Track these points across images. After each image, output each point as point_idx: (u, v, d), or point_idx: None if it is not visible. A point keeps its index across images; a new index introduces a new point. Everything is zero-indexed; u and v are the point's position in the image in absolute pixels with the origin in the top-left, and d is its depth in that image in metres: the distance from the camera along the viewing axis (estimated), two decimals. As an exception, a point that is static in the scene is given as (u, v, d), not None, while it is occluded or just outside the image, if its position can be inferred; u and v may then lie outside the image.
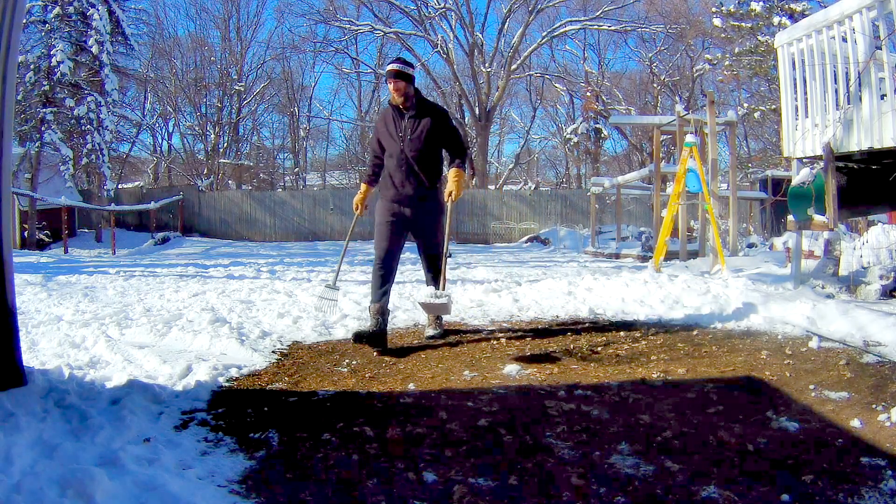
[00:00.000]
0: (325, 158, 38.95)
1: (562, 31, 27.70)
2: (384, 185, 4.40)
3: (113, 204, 21.00)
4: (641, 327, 4.81)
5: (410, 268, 10.49)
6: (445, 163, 4.48)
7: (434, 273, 4.49)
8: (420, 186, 4.28)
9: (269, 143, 37.26)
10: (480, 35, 27.73)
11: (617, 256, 14.07)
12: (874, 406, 2.95)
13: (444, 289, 4.18)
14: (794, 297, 5.17)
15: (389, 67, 4.23)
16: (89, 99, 18.96)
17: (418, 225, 4.38)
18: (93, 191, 21.89)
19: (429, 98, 4.55)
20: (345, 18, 27.94)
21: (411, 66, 4.31)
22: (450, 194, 4.20)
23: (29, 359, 3.72)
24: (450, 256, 4.45)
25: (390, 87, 4.20)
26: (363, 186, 4.66)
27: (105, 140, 19.54)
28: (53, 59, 18.15)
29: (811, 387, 3.26)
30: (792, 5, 18.07)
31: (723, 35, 20.92)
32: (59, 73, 18.19)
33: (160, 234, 20.47)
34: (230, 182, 30.68)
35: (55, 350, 4.24)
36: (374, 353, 4.15)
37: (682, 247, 10.51)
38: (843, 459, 2.41)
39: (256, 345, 4.33)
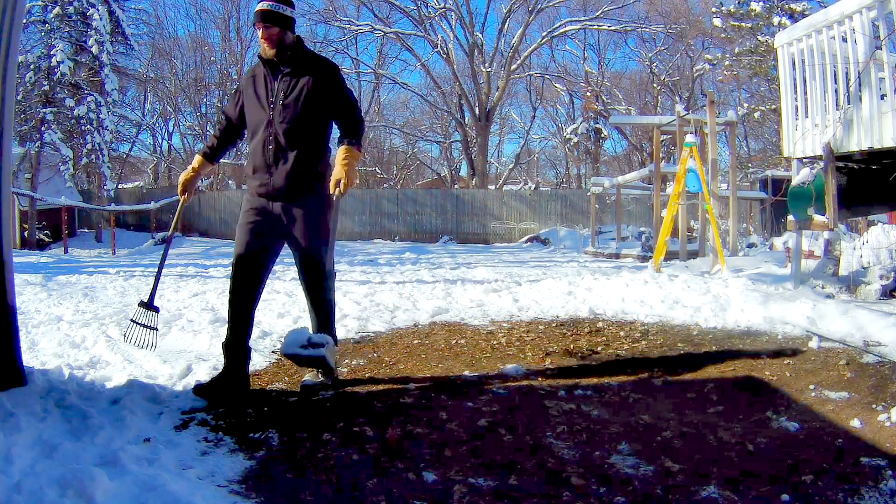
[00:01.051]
0: (325, 158, 38.89)
1: (562, 31, 27.68)
2: (248, 172, 3.29)
3: (113, 204, 21.01)
4: (641, 327, 4.81)
5: (411, 268, 10.50)
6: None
7: (317, 306, 3.28)
8: (295, 174, 3.12)
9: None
10: (480, 35, 27.74)
11: (617, 256, 14.06)
12: (874, 406, 2.95)
13: (324, 328, 3.17)
14: (794, 297, 5.17)
15: (258, 7, 3.10)
16: (89, 99, 18.98)
17: (292, 231, 3.18)
18: (93, 191, 21.91)
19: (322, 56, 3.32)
20: (345, 18, 27.94)
21: (289, 3, 3.15)
22: (337, 183, 3.05)
23: (29, 359, 3.72)
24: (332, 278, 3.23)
25: (259, 34, 3.11)
26: (196, 159, 3.39)
27: (105, 140, 19.56)
28: (53, 59, 18.17)
29: (811, 387, 3.26)
30: (792, 5, 18.08)
31: (723, 35, 20.92)
32: (59, 73, 18.21)
33: (160, 234, 20.46)
34: (230, 182, 30.67)
35: (55, 350, 4.24)
36: (374, 354, 4.15)
37: (682, 247, 10.51)
38: (843, 459, 2.41)
39: (256, 345, 4.33)
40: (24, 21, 12.31)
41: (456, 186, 30.80)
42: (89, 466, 2.14)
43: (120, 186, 25.59)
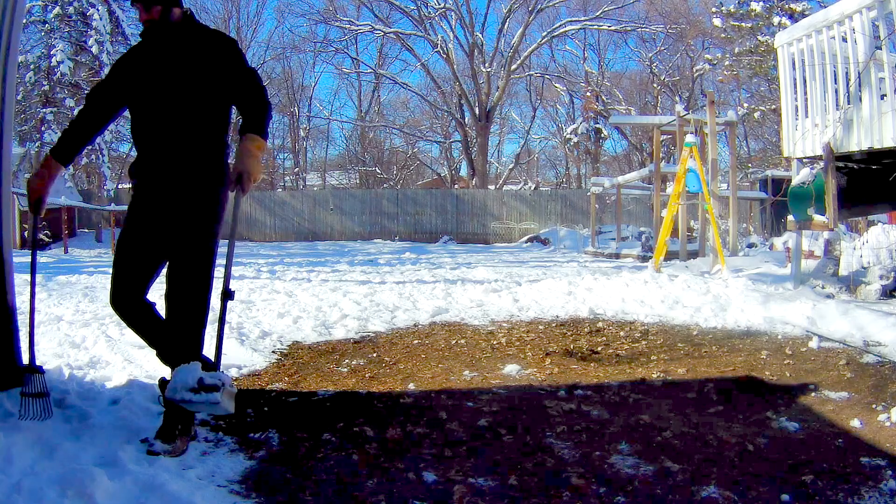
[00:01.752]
0: (325, 158, 38.99)
1: (562, 31, 27.70)
2: (132, 166, 2.67)
3: (113, 204, 20.99)
4: (641, 327, 4.81)
5: (411, 268, 10.49)
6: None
7: (187, 326, 2.58)
8: (185, 167, 2.54)
9: (269, 142, 37.22)
10: (480, 35, 27.77)
11: (617, 256, 14.06)
12: (874, 406, 2.95)
13: (217, 361, 2.56)
14: (794, 297, 5.17)
15: None
16: (89, 99, 18.99)
17: (170, 227, 2.55)
18: (93, 191, 21.91)
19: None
20: (345, 18, 27.97)
21: None
22: (238, 179, 2.50)
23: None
24: (230, 299, 2.59)
25: (139, 17, 2.58)
26: (46, 161, 2.65)
27: (105, 140, 19.56)
28: (53, 59, 18.20)
29: (811, 387, 3.26)
30: (792, 5, 18.08)
31: (723, 35, 20.93)
32: (59, 73, 18.23)
33: (160, 234, 20.44)
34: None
35: (55, 350, 4.24)
36: (374, 354, 4.15)
37: (682, 247, 10.51)
38: (843, 459, 2.41)
39: (256, 345, 4.33)
40: (24, 21, 12.32)
41: (456, 186, 30.81)
42: (89, 466, 2.14)
43: (120, 186, 25.56)
